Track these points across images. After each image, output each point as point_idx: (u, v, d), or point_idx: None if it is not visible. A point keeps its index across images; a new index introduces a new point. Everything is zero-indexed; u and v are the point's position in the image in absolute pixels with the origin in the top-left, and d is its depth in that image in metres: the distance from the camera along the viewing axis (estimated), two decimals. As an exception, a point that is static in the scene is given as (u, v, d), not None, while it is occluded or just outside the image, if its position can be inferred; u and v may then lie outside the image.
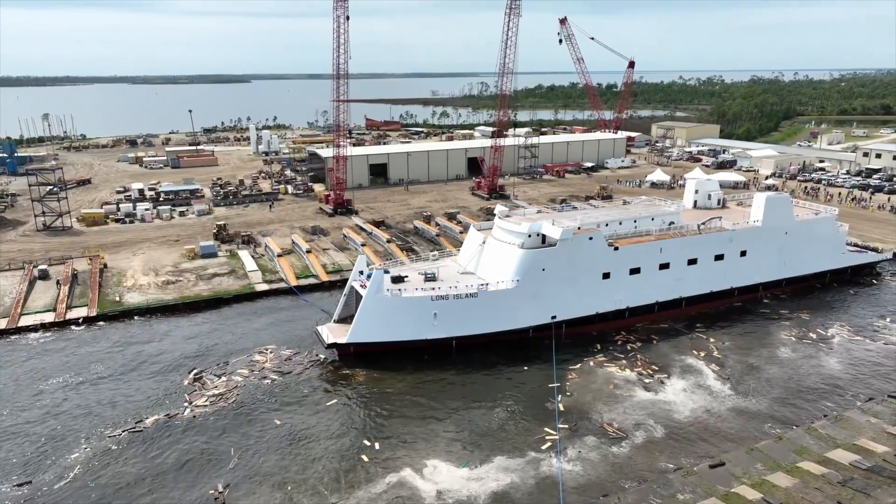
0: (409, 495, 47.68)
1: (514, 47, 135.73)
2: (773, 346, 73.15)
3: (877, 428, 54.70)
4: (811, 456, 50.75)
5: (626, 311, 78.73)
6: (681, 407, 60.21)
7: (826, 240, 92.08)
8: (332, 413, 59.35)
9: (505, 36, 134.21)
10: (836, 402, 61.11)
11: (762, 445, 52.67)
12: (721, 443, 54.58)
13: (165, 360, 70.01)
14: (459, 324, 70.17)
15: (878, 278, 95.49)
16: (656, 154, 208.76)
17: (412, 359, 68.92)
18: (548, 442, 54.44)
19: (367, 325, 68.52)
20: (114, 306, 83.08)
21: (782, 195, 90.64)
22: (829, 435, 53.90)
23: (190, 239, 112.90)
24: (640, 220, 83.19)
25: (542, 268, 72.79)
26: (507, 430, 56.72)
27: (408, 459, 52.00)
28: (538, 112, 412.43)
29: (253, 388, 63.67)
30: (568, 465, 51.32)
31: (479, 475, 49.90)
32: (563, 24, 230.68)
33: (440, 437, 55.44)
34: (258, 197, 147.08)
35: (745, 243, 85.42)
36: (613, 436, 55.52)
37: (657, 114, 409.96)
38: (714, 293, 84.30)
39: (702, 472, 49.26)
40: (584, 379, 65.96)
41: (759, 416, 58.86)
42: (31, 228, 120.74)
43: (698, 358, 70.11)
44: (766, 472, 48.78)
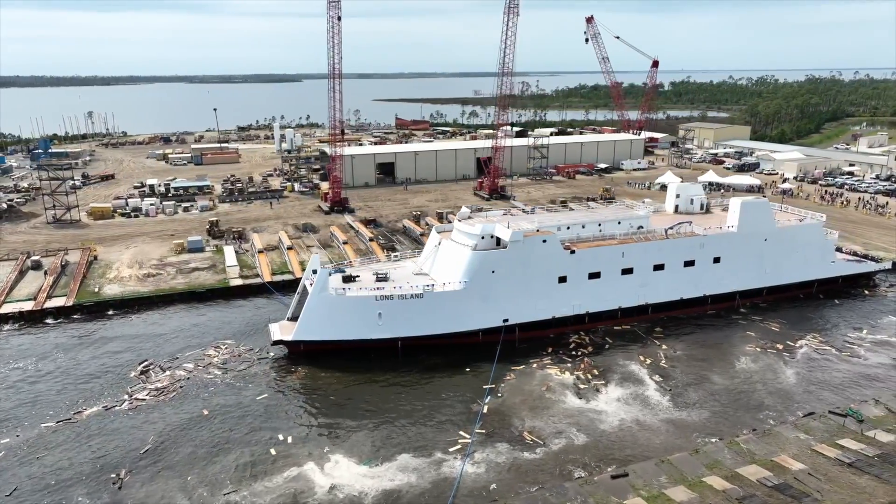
0: (303, 488, 48.31)
1: (514, 47, 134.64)
2: (732, 357, 70.56)
3: (803, 444, 52.27)
4: (721, 470, 48.93)
5: (585, 317, 77.26)
6: (609, 416, 58.80)
7: (812, 248, 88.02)
8: (259, 407, 60.50)
9: (504, 36, 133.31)
10: (776, 415, 58.60)
11: (675, 458, 51.05)
12: (640, 454, 53.07)
13: (124, 352, 72.52)
14: (405, 325, 70.30)
15: (872, 289, 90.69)
16: (676, 156, 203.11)
17: (358, 358, 69.43)
18: (459, 445, 54.15)
19: (312, 323, 69.43)
20: (91, 297, 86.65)
21: (760, 200, 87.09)
22: (749, 450, 51.82)
23: (185, 234, 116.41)
24: (606, 224, 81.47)
25: (491, 269, 72.20)
26: (423, 431, 56.69)
27: (314, 454, 52.63)
28: (568, 112, 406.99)
29: (195, 382, 65.42)
30: (471, 469, 50.94)
31: (377, 473, 50.12)
32: (589, 23, 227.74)
33: (354, 435, 55.86)
34: (263, 194, 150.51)
35: (718, 250, 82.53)
36: (529, 443, 54.71)
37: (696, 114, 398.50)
38: (685, 300, 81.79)
39: (601, 482, 48.14)
40: (520, 382, 65.17)
41: (689, 427, 56.98)
42: (41, 221, 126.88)
43: (643, 366, 68.27)
44: (667, 486, 47.34)
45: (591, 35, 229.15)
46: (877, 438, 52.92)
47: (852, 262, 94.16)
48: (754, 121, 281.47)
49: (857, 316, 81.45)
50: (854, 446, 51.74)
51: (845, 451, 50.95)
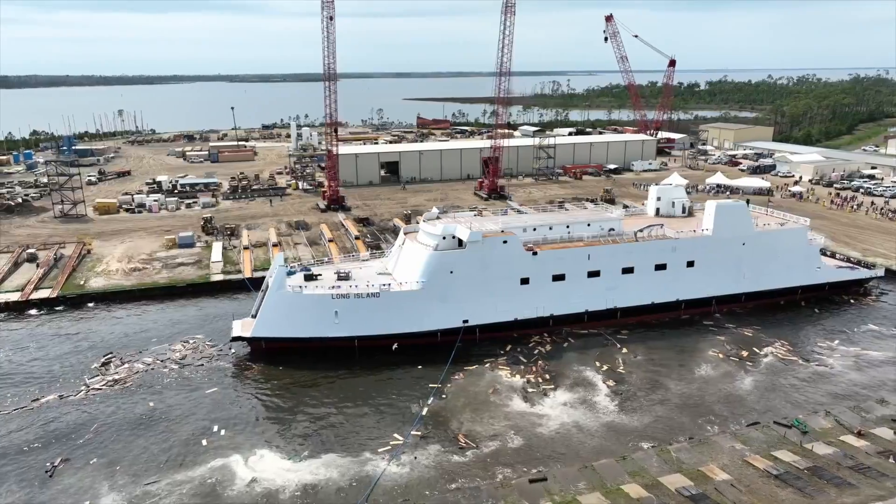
0: (223, 480, 49.24)
1: (511, 46, 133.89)
2: (693, 363, 69.03)
3: (736, 455, 50.95)
4: (643, 478, 48.08)
5: (549, 319, 76.49)
6: (550, 420, 58.19)
7: (794, 253, 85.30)
8: (206, 400, 61.76)
9: (502, 35, 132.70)
10: (720, 424, 57.09)
11: (600, 464, 50.36)
12: (570, 459, 52.39)
13: (94, 344, 74.78)
14: (362, 324, 70.78)
15: (860, 297, 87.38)
16: (690, 157, 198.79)
17: (317, 356, 69.96)
18: (390, 445, 54.35)
19: (270, 320, 70.45)
20: (75, 290, 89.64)
21: (737, 203, 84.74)
22: (678, 458, 50.77)
23: (182, 230, 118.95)
24: (575, 226, 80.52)
25: (449, 270, 72.14)
26: (359, 430, 57.04)
27: (243, 447, 53.52)
28: (592, 112, 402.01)
29: (152, 375, 67.12)
30: (395, 469, 51.06)
31: (298, 468, 50.71)
32: (608, 22, 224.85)
33: (289, 431, 56.60)
34: (266, 192, 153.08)
35: (691, 253, 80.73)
36: (462, 445, 54.51)
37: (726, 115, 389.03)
38: (657, 305, 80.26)
39: (518, 486, 47.84)
40: (468, 384, 64.99)
41: (628, 433, 55.98)
42: (49, 215, 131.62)
43: (598, 370, 67.32)
44: (583, 491, 46.79)
45: (611, 34, 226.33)
46: (814, 451, 51.22)
47: (844, 268, 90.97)
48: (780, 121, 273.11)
49: (835, 325, 78.68)
50: (788, 458, 50.20)
51: (777, 463, 49.48)
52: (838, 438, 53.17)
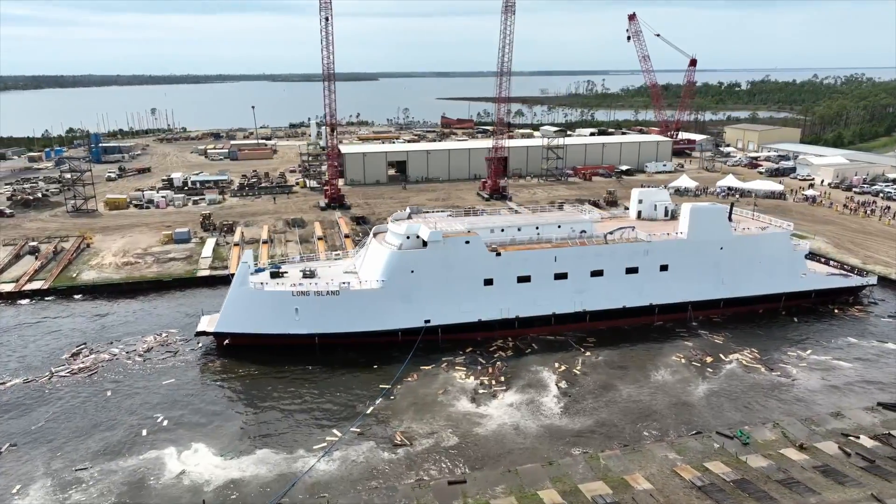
0: (153, 471, 50.54)
1: (512, 46, 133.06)
2: (653, 368, 67.65)
3: (667, 464, 49.78)
4: (563, 485, 47.46)
5: (515, 321, 75.97)
6: (492, 421, 57.91)
7: (777, 259, 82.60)
8: (160, 391, 63.44)
9: (503, 35, 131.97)
10: (661, 431, 55.89)
11: (524, 468, 49.85)
12: (501, 462, 52.04)
13: (70, 334, 77.56)
14: (322, 321, 71.59)
15: (846, 306, 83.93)
16: (707, 159, 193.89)
17: (279, 353, 71.00)
18: (325, 442, 54.92)
19: (232, 316, 71.87)
20: (67, 282, 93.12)
21: (714, 206, 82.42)
22: (606, 465, 49.89)
23: (183, 225, 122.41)
24: (545, 228, 79.75)
25: (410, 269, 72.35)
26: (300, 426, 57.70)
27: (181, 440, 54.78)
28: (618, 112, 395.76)
29: (115, 365, 69.32)
30: (323, 466, 51.58)
31: (229, 464, 51.64)
32: (631, 21, 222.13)
33: (230, 425, 57.65)
34: (273, 189, 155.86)
35: (665, 257, 79.05)
36: (397, 443, 54.78)
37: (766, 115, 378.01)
38: (628, 309, 78.86)
39: (436, 487, 47.75)
40: (420, 384, 65.12)
41: (565, 437, 55.26)
42: (62, 210, 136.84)
43: (555, 372, 66.68)
44: (499, 496, 46.44)
45: (633, 33, 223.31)
46: (748, 463, 49.69)
47: (836, 275, 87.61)
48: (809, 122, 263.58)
49: (812, 334, 75.98)
50: (718, 470, 48.83)
51: (705, 475, 48.19)
52: (778, 451, 51.40)
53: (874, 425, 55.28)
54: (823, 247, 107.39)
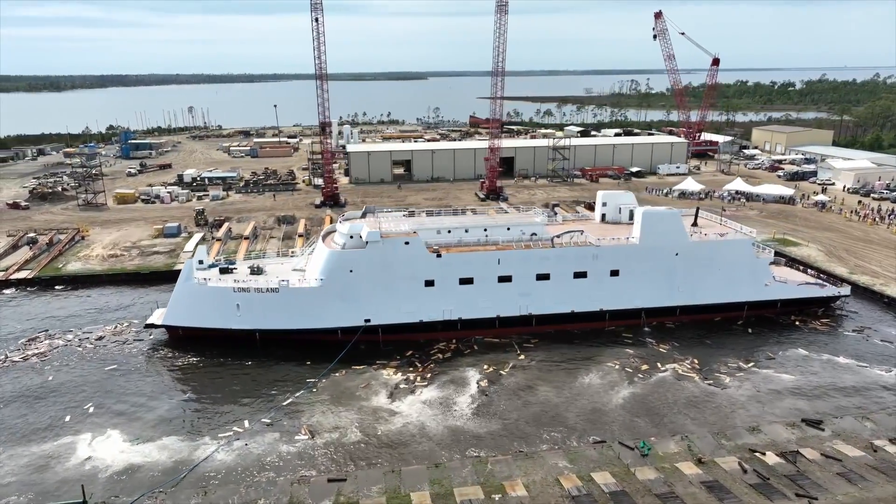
0: (60, 455, 52.85)
1: (505, 45, 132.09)
2: (584, 372, 66.56)
3: (553, 472, 49.01)
4: (440, 487, 47.42)
5: (458, 323, 75.86)
6: (400, 418, 58.28)
7: (738, 266, 79.66)
8: (97, 378, 66.18)
9: (497, 34, 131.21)
10: (563, 437, 55.01)
11: (409, 469, 49.96)
12: (392, 460, 52.34)
13: (38, 321, 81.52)
14: (262, 317, 73.21)
15: (810, 318, 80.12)
16: (725, 162, 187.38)
17: (223, 347, 72.99)
18: (231, 432, 56.37)
19: (178, 310, 74.30)
20: (52, 272, 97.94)
21: (668, 211, 79.92)
22: (492, 470, 49.50)
23: (180, 220, 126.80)
24: (493, 229, 79.22)
25: (349, 269, 73.13)
26: (213, 416, 59.28)
27: (98, 426, 57.11)
28: (649, 112, 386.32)
29: (67, 351, 72.71)
30: (221, 455, 52.90)
31: (133, 450, 53.56)
32: (657, 19, 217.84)
33: (149, 413, 59.61)
34: (276, 187, 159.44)
35: (615, 262, 77.40)
36: (301, 436, 55.74)
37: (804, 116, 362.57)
38: (577, 314, 77.64)
39: (316, 484, 48.39)
40: (345, 379, 65.96)
41: (467, 439, 54.96)
42: (74, 204, 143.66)
43: (481, 373, 66.53)
44: (374, 496, 46.72)
45: (659, 31, 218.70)
46: (635, 476, 48.49)
47: (811, 284, 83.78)
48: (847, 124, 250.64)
49: (762, 344, 73.12)
50: (603, 480, 47.84)
51: (587, 485, 47.32)
52: (673, 465, 49.94)
53: (788, 442, 53.03)
54: (813, 254, 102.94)
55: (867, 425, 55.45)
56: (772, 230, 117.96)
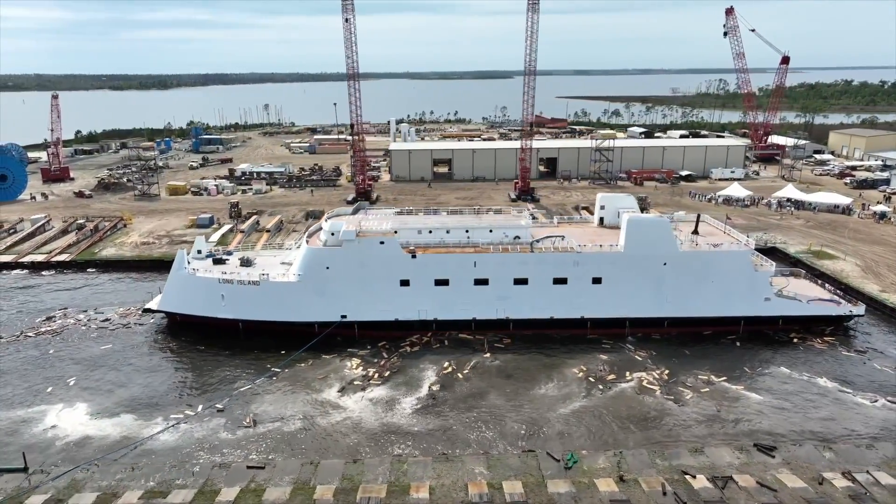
0: (29, 422, 57.75)
1: (536, 45, 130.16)
2: (544, 379, 65.13)
3: (466, 477, 48.57)
4: (348, 483, 48.23)
5: (433, 323, 76.11)
6: (342, 413, 59.31)
7: (734, 279, 75.00)
8: (93, 355, 71.42)
9: (528, 33, 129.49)
10: (495, 442, 54.25)
11: (327, 462, 51.06)
12: (318, 453, 53.46)
13: (60, 301, 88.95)
14: (245, 308, 76.35)
15: (811, 336, 74.08)
16: (787, 168, 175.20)
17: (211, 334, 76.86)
18: (183, 415, 59.48)
19: (171, 297, 78.89)
20: (87, 257, 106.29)
21: (656, 218, 76.32)
22: (407, 471, 49.69)
23: (218, 211, 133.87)
24: (475, 231, 78.77)
25: (325, 266, 74.95)
26: (175, 398, 62.52)
27: (72, 399, 61.84)
28: (725, 113, 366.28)
29: (75, 329, 78.96)
30: (164, 436, 55.85)
31: (92, 423, 57.67)
32: (728, 15, 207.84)
33: (121, 390, 63.89)
34: (318, 182, 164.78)
35: (598, 269, 74.98)
36: (244, 423, 58.00)
37: (874, 118, 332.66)
38: (556, 320, 75.90)
39: (235, 469, 50.35)
40: (307, 370, 67.85)
41: (397, 440, 55.02)
42: (131, 194, 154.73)
43: (440, 373, 66.63)
44: (280, 485, 48.13)
45: (730, 27, 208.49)
46: (546, 488, 47.27)
47: (823, 300, 77.78)
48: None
49: (743, 360, 68.61)
50: (510, 490, 47.02)
51: (492, 492, 46.67)
52: (592, 479, 48.26)
53: (727, 466, 49.88)
54: (848, 269, 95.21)
55: (826, 455, 51.21)
56: (812, 241, 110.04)
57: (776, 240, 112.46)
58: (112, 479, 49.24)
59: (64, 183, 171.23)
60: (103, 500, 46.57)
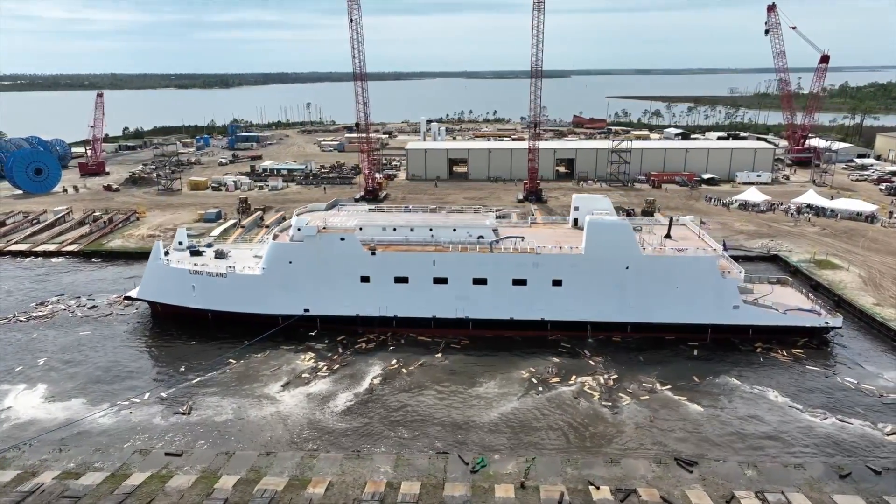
0: (-10, 399, 61.77)
1: (542, 45, 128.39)
2: (488, 379, 64.71)
3: (372, 474, 49.19)
4: (253, 475, 49.45)
5: (393, 320, 76.51)
6: (274, 406, 60.48)
7: (700, 286, 72.15)
8: (70, 340, 75.31)
9: (534, 32, 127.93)
10: (410, 443, 54.12)
11: (241, 453, 52.45)
12: (235, 444, 54.52)
13: (58, 287, 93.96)
14: (214, 299, 78.82)
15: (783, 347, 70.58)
16: (818, 172, 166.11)
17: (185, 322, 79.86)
18: (128, 401, 61.93)
19: (148, 286, 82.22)
20: (95, 247, 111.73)
21: (618, 221, 73.89)
22: (315, 466, 50.46)
23: (230, 206, 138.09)
24: (438, 230, 78.64)
25: (289, 260, 76.46)
26: (129, 384, 65.01)
27: (33, 381, 65.47)
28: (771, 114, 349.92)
29: (63, 315, 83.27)
30: (103, 419, 58.33)
31: (43, 406, 60.82)
32: (770, 12, 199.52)
33: (82, 373, 67.41)
34: (334, 180, 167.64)
35: (557, 271, 73.60)
36: (180, 412, 59.81)
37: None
38: (516, 321, 75.05)
39: (154, 456, 52.34)
40: (261, 361, 69.71)
41: (314, 437, 55.28)
42: (154, 189, 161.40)
43: (378, 371, 67.03)
44: (189, 473, 49.70)
45: (772, 25, 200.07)
46: (443, 490, 47.01)
47: (798, 311, 73.89)
48: None
49: (694, 369, 65.91)
50: (407, 490, 47.09)
51: (388, 492, 47.00)
52: (493, 485, 47.63)
53: (639, 478, 48.36)
54: (848, 279, 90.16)
55: (748, 474, 48.92)
56: (819, 250, 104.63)
57: (782, 247, 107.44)
58: (38, 458, 51.90)
59: (99, 177, 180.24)
60: (21, 478, 49.14)
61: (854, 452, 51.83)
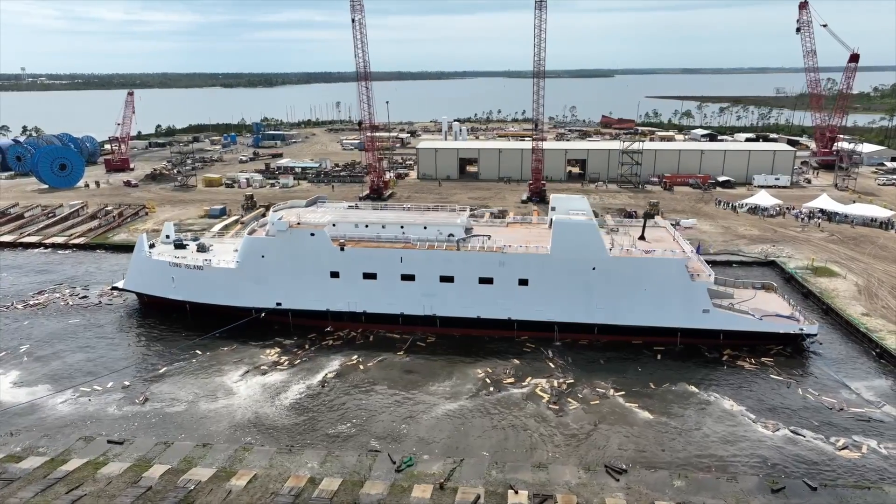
0: (-33, 385, 64.58)
1: (544, 44, 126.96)
2: (443, 379, 64.31)
3: (298, 470, 49.56)
4: (185, 464, 50.52)
5: (362, 316, 77.06)
6: (227, 398, 61.38)
7: (668, 289, 70.32)
8: (56, 328, 78.08)
9: (536, 31, 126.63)
10: (344, 442, 54.29)
11: (179, 444, 53.59)
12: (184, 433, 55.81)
13: (59, 277, 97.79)
14: (192, 291, 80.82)
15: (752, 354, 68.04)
16: (842, 176, 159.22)
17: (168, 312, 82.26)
18: (91, 389, 63.89)
19: (133, 277, 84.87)
20: (100, 240, 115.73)
21: (584, 221, 72.23)
22: (246, 458, 51.24)
23: (235, 203, 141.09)
24: (409, 228, 78.68)
25: (261, 254, 77.75)
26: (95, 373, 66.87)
27: (11, 366, 68.06)
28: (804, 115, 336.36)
29: (57, 304, 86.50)
30: (62, 406, 60.34)
31: (11, 390, 63.19)
32: (802, 10, 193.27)
33: (58, 361, 69.58)
34: (344, 178, 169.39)
35: (524, 271, 72.84)
36: (136, 402, 61.43)
37: None
38: (483, 320, 74.63)
39: (95, 443, 53.97)
40: (226, 354, 70.86)
41: (256, 429, 55.93)
42: (170, 185, 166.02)
43: (342, 365, 67.65)
44: (124, 461, 51.05)
45: (804, 23, 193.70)
46: (360, 489, 47.12)
47: (776, 317, 71.27)
48: None
49: (652, 375, 64.14)
50: (326, 487, 47.33)
51: (307, 487, 47.25)
52: (412, 484, 47.47)
53: (562, 484, 47.48)
54: (842, 288, 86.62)
55: (676, 484, 47.52)
56: (824, 255, 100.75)
57: (782, 253, 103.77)
58: (-12, 441, 54.13)
59: (124, 173, 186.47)
60: (-37, 459, 51.31)
61: (798, 467, 49.74)
